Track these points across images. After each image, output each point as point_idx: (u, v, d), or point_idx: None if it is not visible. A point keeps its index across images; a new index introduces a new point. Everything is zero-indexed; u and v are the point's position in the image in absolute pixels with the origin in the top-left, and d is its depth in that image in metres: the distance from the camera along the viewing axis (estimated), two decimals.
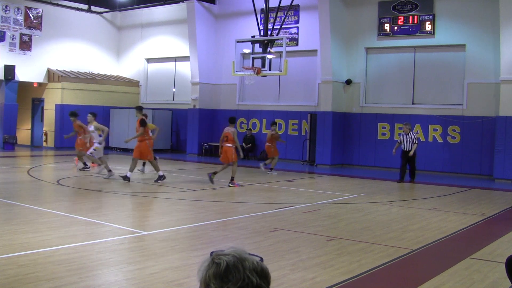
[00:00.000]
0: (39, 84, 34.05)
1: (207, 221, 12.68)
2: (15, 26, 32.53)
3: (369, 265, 9.13)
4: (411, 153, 21.57)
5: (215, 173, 19.64)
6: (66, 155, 29.05)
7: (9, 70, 31.87)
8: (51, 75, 33.97)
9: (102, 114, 33.46)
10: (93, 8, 35.75)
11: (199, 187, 18.53)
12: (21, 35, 32.81)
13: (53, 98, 33.75)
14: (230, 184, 19.12)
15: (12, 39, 32.43)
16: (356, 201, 16.62)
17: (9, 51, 32.26)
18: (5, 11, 32.10)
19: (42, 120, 34.93)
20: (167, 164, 25.79)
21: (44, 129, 34.57)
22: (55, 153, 31.04)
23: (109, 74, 36.88)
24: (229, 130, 19.83)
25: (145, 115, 20.99)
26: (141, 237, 10.85)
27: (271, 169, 24.02)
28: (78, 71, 35.04)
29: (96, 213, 13.05)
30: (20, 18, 32.72)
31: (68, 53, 34.85)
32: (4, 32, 32.11)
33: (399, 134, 23.79)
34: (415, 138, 22.00)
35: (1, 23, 31.92)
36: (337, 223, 13.13)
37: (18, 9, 32.62)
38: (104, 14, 36.70)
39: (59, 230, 11.08)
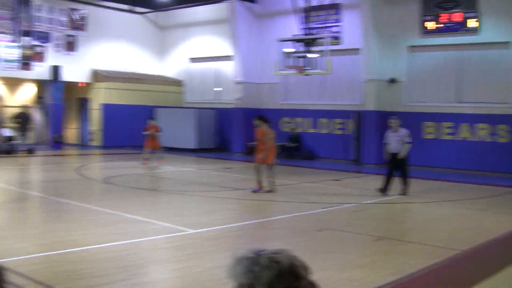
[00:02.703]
0: (85, 84, 34.46)
1: (253, 220, 12.69)
2: (60, 27, 32.98)
3: (418, 266, 9.00)
4: (402, 155, 17.15)
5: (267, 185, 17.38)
6: (113, 154, 29.35)
7: (55, 70, 32.34)
8: (96, 75, 34.37)
9: (146, 114, 33.72)
10: (136, 8, 36.06)
11: (245, 186, 18.52)
12: (66, 36, 33.25)
13: (98, 98, 34.13)
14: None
15: (58, 40, 32.89)
16: (403, 200, 16.43)
17: (55, 52, 32.72)
18: (50, 12, 32.56)
19: (88, 119, 35.34)
20: (213, 163, 25.90)
21: (91, 128, 34.98)
22: (102, 152, 31.38)
23: (153, 73, 37.14)
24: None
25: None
26: (188, 236, 10.90)
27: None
28: (122, 71, 35.38)
29: (144, 211, 13.15)
30: (65, 19, 33.15)
31: (112, 53, 35.21)
32: (50, 33, 32.58)
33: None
34: (406, 136, 17.39)
35: (46, 25, 32.40)
36: (384, 223, 13.02)
37: (63, 10, 33.05)
38: (147, 15, 36.97)
39: (108, 228, 11.19)
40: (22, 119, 27.90)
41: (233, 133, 32.70)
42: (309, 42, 24.20)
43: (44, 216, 12.91)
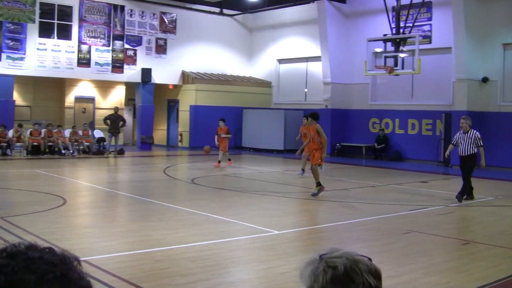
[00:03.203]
0: (174, 86, 35.07)
1: (338, 221, 12.54)
2: (151, 31, 33.72)
3: (507, 272, 8.67)
4: (482, 162, 15.69)
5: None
6: (200, 155, 29.70)
7: (146, 73, 33.05)
8: (186, 77, 34.90)
9: (235, 115, 34.00)
10: (225, 11, 36.45)
11: (331, 187, 18.37)
12: (157, 39, 33.96)
13: (188, 100, 34.64)
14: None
15: (149, 43, 33.64)
16: (493, 203, 15.92)
17: (146, 54, 33.47)
18: (142, 16, 33.34)
19: (177, 121, 35.92)
20: (299, 164, 25.80)
21: (179, 129, 35.54)
22: (190, 153, 31.81)
23: (241, 75, 37.41)
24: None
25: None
26: (272, 236, 10.87)
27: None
28: (211, 73, 35.79)
29: (229, 212, 13.22)
30: (156, 23, 33.87)
31: (201, 55, 35.67)
32: (141, 37, 33.36)
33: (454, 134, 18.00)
34: (478, 139, 15.64)
35: (138, 28, 33.20)
36: (472, 226, 12.65)
37: (154, 14, 33.78)
38: (235, 17, 37.29)
39: (194, 228, 11.30)
40: (113, 121, 28.59)
41: None
42: (399, 42, 23.81)
43: (131, 215, 13.16)
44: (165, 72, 34.02)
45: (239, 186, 18.33)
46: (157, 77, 33.68)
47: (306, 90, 35.42)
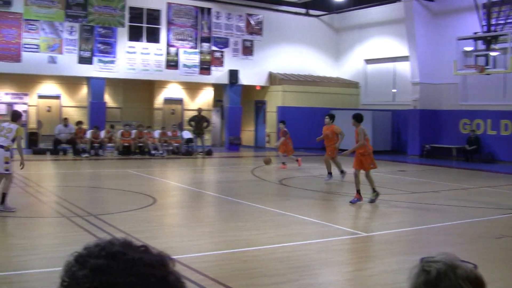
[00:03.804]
0: (261, 87, 35.23)
1: (427, 224, 12.28)
2: (238, 33, 34.00)
3: None
4: None
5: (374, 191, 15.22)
6: (286, 156, 29.68)
7: (233, 74, 33.35)
8: (273, 78, 35.01)
9: (322, 116, 33.78)
10: (310, 11, 36.36)
11: (420, 189, 18.03)
12: (244, 40, 34.21)
13: (275, 101, 34.73)
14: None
15: (235, 45, 33.94)
16: None
17: (233, 56, 33.77)
18: (228, 18, 33.67)
19: (264, 122, 36.05)
20: (387, 166, 25.48)
21: (267, 130, 35.66)
22: (277, 154, 31.85)
23: (328, 76, 37.22)
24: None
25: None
26: (360, 239, 10.75)
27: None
28: (298, 74, 35.77)
29: (316, 213, 13.16)
30: (242, 24, 34.13)
31: (288, 56, 35.69)
32: (228, 39, 33.69)
33: None
34: None
35: (225, 30, 33.55)
36: None
37: (240, 16, 34.05)
38: (321, 17, 37.13)
39: (281, 229, 11.30)
40: (197, 122, 28.96)
41: (409, 135, 31.99)
42: (490, 40, 23.18)
43: (219, 215, 13.27)
44: (252, 74, 34.23)
45: (327, 187, 18.23)
46: (244, 79, 33.92)
47: (394, 90, 34.90)
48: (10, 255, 8.94)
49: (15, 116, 13.32)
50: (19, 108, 30.18)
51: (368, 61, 36.33)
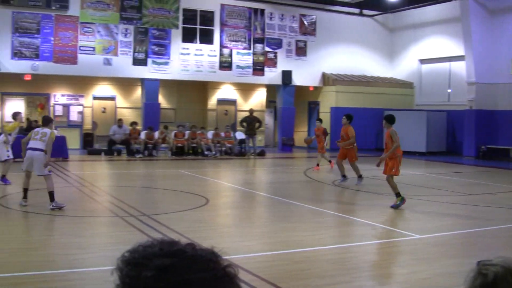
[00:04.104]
0: (315, 87, 35.11)
1: (483, 227, 12.04)
2: (291, 33, 33.97)
3: None
4: None
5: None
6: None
7: (287, 75, 33.32)
8: (326, 79, 34.86)
9: (376, 117, 33.51)
10: (364, 11, 36.11)
11: (476, 191, 17.72)
12: (297, 41, 34.16)
13: (328, 101, 34.58)
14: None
15: (289, 45, 33.91)
16: None
17: (286, 57, 33.75)
18: (281, 19, 33.67)
19: None
20: (442, 167, 25.14)
21: None
22: (331, 155, 31.67)
23: (382, 76, 36.88)
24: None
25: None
26: (414, 241, 10.60)
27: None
28: (351, 74, 35.54)
29: (369, 214, 13.03)
30: (296, 25, 34.08)
31: (341, 56, 35.48)
32: (281, 40, 33.69)
33: None
34: None
35: (278, 31, 33.56)
36: None
37: (293, 17, 34.01)
38: (375, 17, 36.83)
39: (333, 230, 11.25)
40: (249, 123, 29.00)
41: (464, 136, 31.46)
42: None
43: (271, 216, 13.25)
44: (305, 74, 34.14)
45: (380, 188, 18.04)
46: (298, 79, 33.86)
47: (449, 90, 34.37)
48: (66, 253, 9.10)
49: (46, 121, 13.93)
50: (75, 109, 30.81)
51: (423, 61, 35.86)
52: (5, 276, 7.81)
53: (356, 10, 35.81)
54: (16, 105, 30.54)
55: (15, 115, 17.58)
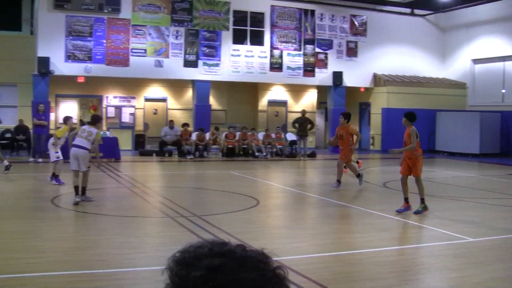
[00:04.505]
0: (366, 88, 34.86)
1: None
2: (342, 34, 33.78)
3: None
4: None
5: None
6: (391, 158, 29.28)
7: (337, 76, 33.15)
8: (377, 80, 34.58)
9: (428, 118, 33.12)
10: (416, 11, 35.70)
11: None
12: (348, 42, 33.96)
13: (379, 102, 34.31)
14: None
15: (339, 46, 33.73)
16: None
17: (337, 58, 33.59)
18: (332, 20, 33.51)
19: (369, 124, 35.70)
20: (496, 169, 24.70)
21: (371, 132, 35.29)
22: (382, 156, 31.46)
23: (434, 76, 36.40)
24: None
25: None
26: (466, 244, 10.42)
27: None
28: (403, 75, 35.18)
29: (421, 217, 12.86)
30: (346, 26, 33.89)
31: (392, 57, 35.14)
32: (332, 40, 33.54)
33: None
34: None
35: (328, 32, 33.42)
36: None
37: (344, 17, 33.82)
38: (427, 17, 36.37)
39: (384, 232, 11.13)
40: (300, 124, 28.94)
41: None
42: None
43: (321, 217, 13.18)
44: (356, 75, 33.92)
45: (432, 190, 17.79)
46: (349, 80, 33.66)
47: (503, 91, 33.73)
48: (117, 252, 9.22)
49: (95, 120, 14.49)
50: (127, 111, 31.21)
51: (476, 61, 35.27)
52: (58, 275, 7.97)
53: (407, 10, 35.43)
54: (69, 107, 31.13)
55: (66, 120, 17.95)
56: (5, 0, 35.01)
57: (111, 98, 31.52)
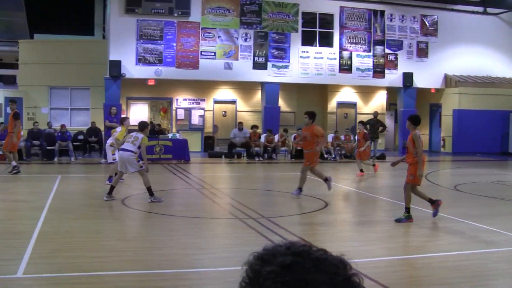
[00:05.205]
0: (436, 89, 34.29)
1: None
2: (412, 34, 33.31)
3: None
4: None
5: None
6: (463, 160, 28.76)
7: (408, 77, 32.70)
8: (448, 81, 33.96)
9: (501, 119, 32.37)
10: (489, 9, 34.89)
11: None
12: (418, 42, 33.46)
13: (450, 104, 33.70)
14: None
15: (409, 47, 33.27)
16: None
17: (407, 59, 33.13)
18: (402, 20, 33.08)
19: (440, 125, 35.11)
20: None
21: (442, 134, 34.70)
22: (453, 159, 30.92)
23: (508, 77, 35.49)
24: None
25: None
26: None
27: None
28: (475, 76, 34.44)
29: (492, 221, 12.55)
30: (416, 26, 33.39)
31: (464, 57, 34.40)
32: (402, 41, 33.12)
33: None
34: None
35: (398, 32, 33.01)
36: None
37: (414, 17, 33.33)
38: (501, 15, 35.49)
39: (454, 236, 10.93)
40: (371, 126, 28.65)
41: None
42: None
43: (390, 220, 12.94)
44: (427, 76, 33.39)
45: (506, 194, 17.40)
46: (419, 81, 33.17)
47: None
48: (186, 253, 9.33)
49: (142, 127, 15.08)
50: (196, 113, 31.55)
51: None
52: (127, 274, 8.12)
53: (480, 9, 34.66)
54: (140, 109, 31.72)
55: (123, 121, 18.26)
56: (78, 6, 35.93)
57: (181, 101, 31.92)
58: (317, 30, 31.62)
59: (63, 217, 12.42)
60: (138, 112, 31.77)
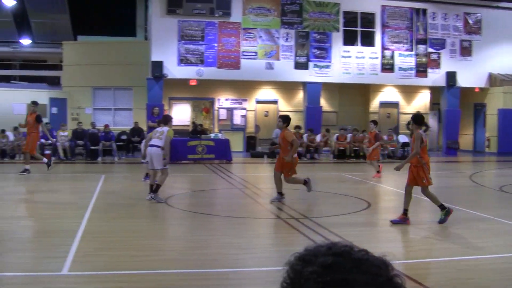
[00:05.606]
0: (481, 89, 33.80)
1: None
2: (455, 33, 32.88)
3: None
4: None
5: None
6: (509, 161, 28.28)
7: (451, 76, 32.31)
8: (493, 80, 33.45)
9: None
10: None
11: None
12: (461, 41, 33.02)
13: (495, 103, 33.19)
14: None
15: (452, 45, 32.85)
16: None
17: (450, 57, 32.72)
18: (445, 19, 32.68)
19: (484, 125, 34.60)
20: None
21: (487, 134, 34.19)
22: (498, 159, 30.45)
23: None
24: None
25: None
26: None
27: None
28: None
29: None
30: (460, 24, 32.96)
31: (509, 56, 33.80)
32: (445, 40, 32.72)
33: None
34: None
35: (441, 31, 32.62)
36: None
37: (457, 16, 32.90)
38: None
39: (501, 238, 10.74)
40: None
41: None
42: None
43: (433, 221, 12.74)
44: (470, 75, 32.94)
45: None
46: (462, 80, 32.73)
47: None
48: (228, 252, 9.34)
49: (166, 120, 15.31)
50: (238, 113, 31.62)
51: None
52: (170, 273, 8.16)
53: None
54: (182, 109, 31.92)
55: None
56: (121, 8, 36.32)
57: (223, 101, 32.05)
58: (358, 29, 31.45)
59: (106, 216, 12.56)
60: (181, 112, 31.98)
